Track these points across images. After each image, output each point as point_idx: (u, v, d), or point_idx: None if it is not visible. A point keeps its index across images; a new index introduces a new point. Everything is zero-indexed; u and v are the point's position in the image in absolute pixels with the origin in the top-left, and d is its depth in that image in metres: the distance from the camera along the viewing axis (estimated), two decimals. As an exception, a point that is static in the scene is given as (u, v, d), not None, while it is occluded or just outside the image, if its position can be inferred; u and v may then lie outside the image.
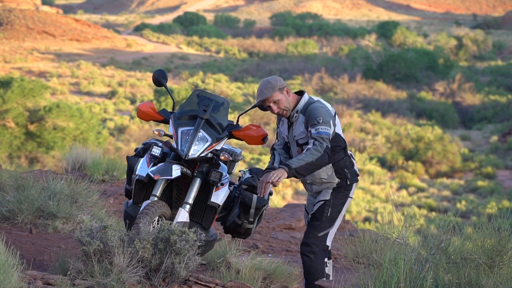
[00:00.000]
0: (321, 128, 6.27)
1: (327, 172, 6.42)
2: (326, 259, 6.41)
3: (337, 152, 6.44)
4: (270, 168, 6.45)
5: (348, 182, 6.45)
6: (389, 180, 40.04)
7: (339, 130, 6.43)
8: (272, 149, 6.71)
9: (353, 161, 6.53)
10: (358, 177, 6.56)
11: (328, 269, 6.44)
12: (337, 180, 6.43)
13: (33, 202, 8.18)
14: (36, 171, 11.33)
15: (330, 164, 6.42)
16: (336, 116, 6.49)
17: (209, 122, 6.48)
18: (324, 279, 6.33)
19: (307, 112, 6.37)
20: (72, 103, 45.95)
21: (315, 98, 6.53)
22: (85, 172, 11.43)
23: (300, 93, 6.53)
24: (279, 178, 6.19)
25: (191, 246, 5.93)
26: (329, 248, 6.45)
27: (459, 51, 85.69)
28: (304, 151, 6.28)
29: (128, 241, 5.91)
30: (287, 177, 6.22)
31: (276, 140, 6.72)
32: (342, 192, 6.45)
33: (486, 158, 44.53)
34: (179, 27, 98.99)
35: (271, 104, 6.40)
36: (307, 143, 6.38)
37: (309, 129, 6.32)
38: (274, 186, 6.25)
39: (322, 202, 6.43)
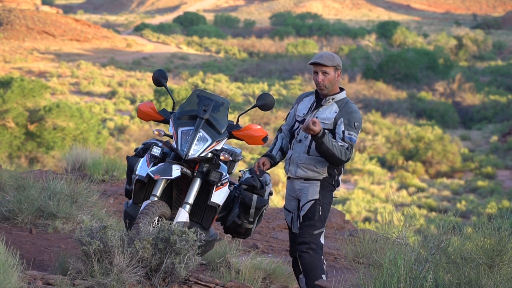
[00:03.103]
0: (354, 136, 6.46)
1: (323, 164, 6.49)
2: (323, 257, 6.45)
3: None
4: (268, 155, 6.62)
5: (333, 183, 6.55)
6: (389, 180, 40.04)
7: None
8: (279, 130, 6.78)
9: (342, 170, 6.64)
10: (337, 188, 6.66)
11: (325, 267, 6.48)
12: (325, 175, 6.50)
13: (33, 202, 8.17)
14: (36, 171, 11.33)
15: None
16: None
17: (209, 122, 6.48)
18: (324, 278, 6.33)
19: (346, 108, 6.50)
20: (72, 103, 45.96)
21: (351, 101, 6.68)
22: (85, 172, 11.43)
23: (341, 89, 6.66)
24: (314, 124, 6.27)
25: (191, 246, 5.93)
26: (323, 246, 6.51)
27: (459, 51, 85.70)
28: (340, 144, 6.40)
29: (128, 241, 5.91)
30: (316, 134, 6.29)
31: (284, 121, 6.78)
32: (328, 191, 6.53)
33: (486, 158, 44.54)
34: (179, 27, 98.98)
35: (320, 72, 6.49)
36: (325, 129, 6.46)
37: (342, 128, 6.44)
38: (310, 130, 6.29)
39: (312, 202, 6.46)
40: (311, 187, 6.50)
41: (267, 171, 7.05)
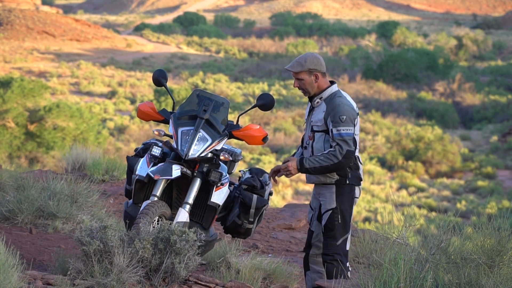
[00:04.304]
0: (343, 130, 6.28)
1: None
2: (348, 264, 6.44)
3: None
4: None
5: (348, 182, 6.40)
6: (389, 180, 40.04)
7: (356, 131, 6.38)
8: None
9: (359, 164, 6.47)
10: (361, 182, 6.51)
11: (350, 273, 6.46)
12: (336, 177, 6.39)
13: (33, 202, 8.17)
14: (36, 171, 11.33)
15: None
16: (358, 116, 6.45)
17: (209, 122, 6.48)
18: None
19: (330, 104, 6.37)
20: (72, 103, 45.96)
21: (344, 93, 6.52)
22: (85, 172, 11.42)
23: (331, 82, 6.52)
24: (288, 173, 6.37)
25: (191, 246, 5.93)
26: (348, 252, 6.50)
27: (459, 51, 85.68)
28: (325, 152, 6.30)
29: (128, 241, 5.91)
30: (298, 170, 6.36)
31: (304, 125, 6.76)
32: (345, 194, 6.42)
33: (486, 158, 44.54)
34: (179, 27, 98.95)
35: (294, 79, 6.46)
36: (320, 131, 6.40)
37: (331, 127, 6.31)
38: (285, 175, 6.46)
39: (330, 212, 6.41)
40: (328, 194, 6.42)
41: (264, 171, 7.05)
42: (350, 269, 6.47)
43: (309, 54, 6.46)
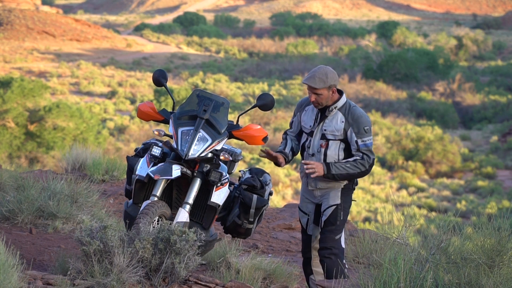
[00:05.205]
0: (368, 140, 6.45)
1: None
2: (344, 261, 6.49)
3: None
4: (282, 152, 6.67)
5: (353, 186, 6.60)
6: (389, 180, 40.04)
7: None
8: (285, 133, 6.81)
9: None
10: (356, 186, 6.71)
11: (348, 270, 6.51)
12: (345, 182, 6.55)
13: (33, 202, 8.17)
14: (36, 171, 11.32)
15: None
16: None
17: (209, 122, 6.48)
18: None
19: (350, 114, 6.48)
20: (72, 103, 45.96)
21: (352, 102, 6.64)
22: (85, 172, 11.42)
23: (339, 92, 6.60)
24: (313, 173, 6.39)
25: (191, 246, 5.93)
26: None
27: (459, 51, 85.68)
28: (351, 160, 6.42)
29: (128, 241, 5.91)
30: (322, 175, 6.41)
31: (290, 128, 6.79)
32: (349, 195, 6.58)
33: (486, 158, 44.54)
34: (179, 27, 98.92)
35: (312, 94, 6.49)
36: (335, 140, 6.48)
37: (355, 138, 6.43)
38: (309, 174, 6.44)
39: (334, 207, 6.52)
40: (332, 192, 6.55)
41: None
42: (346, 266, 6.53)
43: (328, 70, 6.51)
